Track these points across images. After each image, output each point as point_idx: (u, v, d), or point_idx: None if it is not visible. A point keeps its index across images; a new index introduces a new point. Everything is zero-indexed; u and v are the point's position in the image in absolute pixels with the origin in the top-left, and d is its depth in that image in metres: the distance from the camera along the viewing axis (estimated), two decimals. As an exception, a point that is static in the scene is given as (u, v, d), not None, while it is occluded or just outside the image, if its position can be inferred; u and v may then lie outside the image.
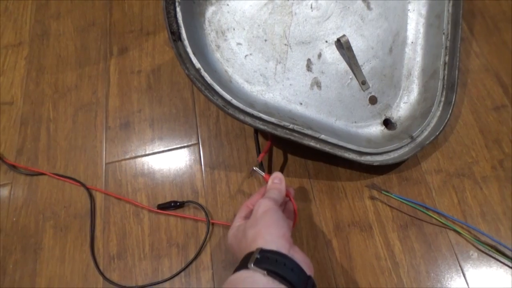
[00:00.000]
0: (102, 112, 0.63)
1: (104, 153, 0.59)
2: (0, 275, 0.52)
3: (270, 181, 0.44)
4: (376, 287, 0.45)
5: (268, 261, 0.33)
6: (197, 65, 0.44)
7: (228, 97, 0.44)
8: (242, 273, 0.34)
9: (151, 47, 0.67)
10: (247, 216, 0.41)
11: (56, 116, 0.64)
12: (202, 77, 0.44)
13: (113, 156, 0.59)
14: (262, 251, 0.34)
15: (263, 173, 0.49)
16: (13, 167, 0.59)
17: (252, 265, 0.33)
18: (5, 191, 0.58)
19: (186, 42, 0.44)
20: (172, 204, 0.53)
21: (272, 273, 0.33)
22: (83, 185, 0.57)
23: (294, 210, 0.44)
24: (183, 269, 0.49)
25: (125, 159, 0.58)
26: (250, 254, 0.34)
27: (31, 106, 0.65)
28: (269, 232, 0.36)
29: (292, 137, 0.46)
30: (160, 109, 0.62)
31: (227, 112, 0.44)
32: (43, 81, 0.67)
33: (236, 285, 0.33)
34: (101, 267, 0.51)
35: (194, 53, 0.44)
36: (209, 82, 0.44)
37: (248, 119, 0.45)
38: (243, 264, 0.34)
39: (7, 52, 0.71)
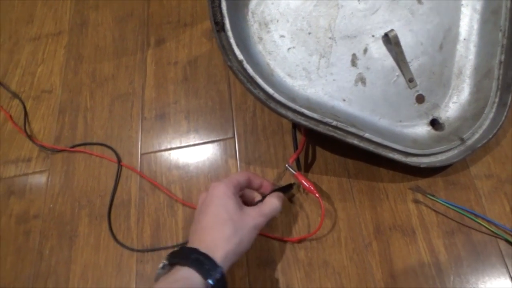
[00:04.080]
0: (138, 103, 0.63)
1: (139, 143, 0.59)
2: (37, 260, 0.53)
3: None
4: (418, 295, 0.43)
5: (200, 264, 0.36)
6: (240, 56, 0.43)
7: (270, 90, 0.43)
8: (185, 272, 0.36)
9: (188, 39, 0.67)
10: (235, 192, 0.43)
11: (93, 105, 0.64)
12: (245, 70, 0.43)
13: (149, 147, 0.59)
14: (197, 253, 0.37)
15: (294, 172, 0.48)
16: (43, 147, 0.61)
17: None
18: (43, 178, 0.59)
19: (229, 33, 0.43)
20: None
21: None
22: (118, 156, 0.58)
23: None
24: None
25: (160, 151, 0.58)
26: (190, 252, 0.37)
27: (69, 95, 0.66)
28: (210, 234, 0.39)
29: (335, 135, 0.44)
30: (196, 101, 0.61)
31: (268, 106, 0.43)
32: (81, 70, 0.68)
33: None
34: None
35: (237, 45, 0.43)
36: (251, 74, 0.43)
37: (290, 114, 0.44)
38: (181, 259, 0.37)
39: (47, 41, 0.72)
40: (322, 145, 0.54)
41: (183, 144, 0.58)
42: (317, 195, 0.47)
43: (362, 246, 0.47)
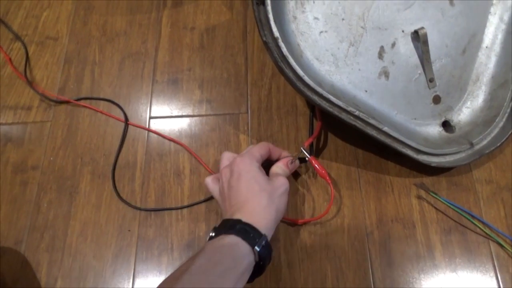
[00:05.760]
0: (150, 64, 0.61)
1: (149, 106, 0.58)
2: (34, 212, 0.52)
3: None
4: (412, 286, 0.46)
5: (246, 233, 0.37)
6: (276, 34, 0.42)
7: (300, 72, 0.43)
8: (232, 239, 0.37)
9: (208, 5, 0.65)
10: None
11: (102, 60, 0.61)
12: (279, 48, 0.42)
13: (158, 111, 0.58)
14: (241, 223, 0.38)
15: (308, 155, 0.49)
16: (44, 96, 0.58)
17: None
18: (44, 129, 0.57)
19: (268, 8, 0.42)
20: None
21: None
22: (125, 115, 0.57)
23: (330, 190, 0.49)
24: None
25: (171, 116, 0.57)
26: (235, 223, 0.38)
27: (76, 46, 0.63)
28: (249, 206, 0.40)
29: (356, 124, 0.45)
30: (211, 71, 0.60)
31: (297, 87, 0.43)
32: (91, 21, 0.65)
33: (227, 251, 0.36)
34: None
35: (274, 21, 0.42)
36: (284, 53, 0.42)
37: (316, 98, 0.44)
38: (226, 229, 0.38)
39: (55, -16, 0.68)
40: (335, 132, 0.54)
41: (194, 113, 0.57)
42: (329, 181, 0.48)
43: (363, 234, 0.48)
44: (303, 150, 0.49)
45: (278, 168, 0.47)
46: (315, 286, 0.46)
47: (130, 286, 0.48)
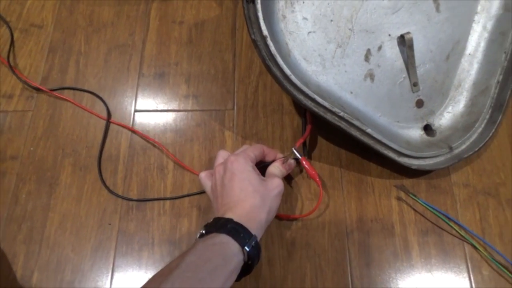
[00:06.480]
0: (137, 57, 0.60)
1: (134, 99, 0.57)
2: (12, 203, 0.51)
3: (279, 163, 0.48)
4: (389, 285, 0.47)
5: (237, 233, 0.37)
6: (265, 32, 0.42)
7: (288, 71, 0.43)
8: (222, 238, 0.37)
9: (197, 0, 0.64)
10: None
11: (88, 51, 0.60)
12: (267, 46, 0.42)
13: (144, 105, 0.57)
14: (232, 223, 0.38)
15: (300, 156, 0.49)
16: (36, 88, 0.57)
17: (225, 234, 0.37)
18: (25, 118, 0.56)
19: (258, 6, 0.42)
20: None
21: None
22: (108, 111, 0.56)
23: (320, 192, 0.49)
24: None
25: (156, 111, 0.56)
26: (226, 222, 0.38)
27: (61, 35, 0.62)
28: (242, 206, 0.40)
29: (340, 125, 0.46)
30: (198, 66, 0.59)
31: (283, 86, 0.43)
32: (77, 10, 0.64)
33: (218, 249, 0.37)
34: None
35: (263, 19, 0.42)
36: (273, 52, 0.42)
37: (302, 98, 0.44)
38: (217, 228, 0.38)
39: (40, -29, 0.66)
40: (319, 132, 0.55)
41: (180, 108, 0.57)
42: (319, 182, 0.48)
43: (344, 233, 0.49)
44: (295, 151, 0.49)
45: (275, 168, 0.47)
46: (294, 284, 0.47)
47: (109, 280, 0.47)
